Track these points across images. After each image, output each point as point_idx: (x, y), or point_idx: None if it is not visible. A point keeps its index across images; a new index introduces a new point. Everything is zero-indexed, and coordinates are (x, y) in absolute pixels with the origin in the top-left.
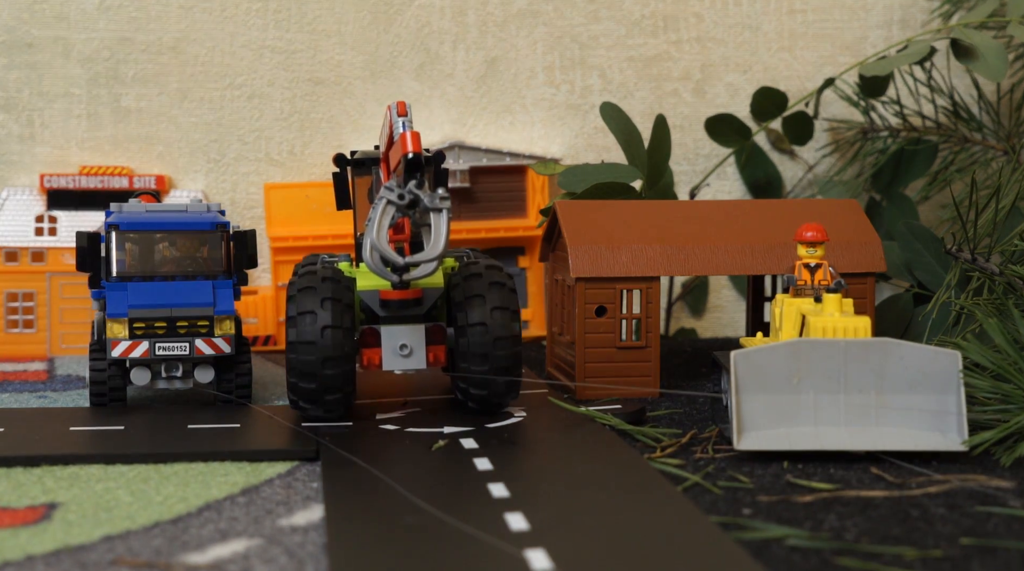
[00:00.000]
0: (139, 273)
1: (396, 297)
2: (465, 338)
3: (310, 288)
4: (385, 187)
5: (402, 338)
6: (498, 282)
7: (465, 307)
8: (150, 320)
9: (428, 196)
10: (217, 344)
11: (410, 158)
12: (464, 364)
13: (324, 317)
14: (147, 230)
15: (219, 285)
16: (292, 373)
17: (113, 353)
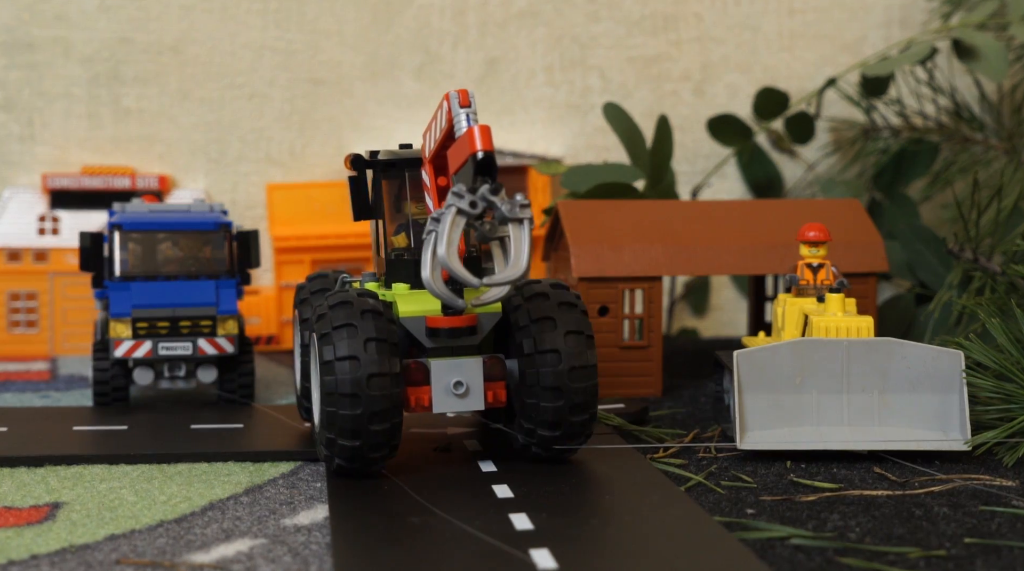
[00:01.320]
0: (142, 273)
1: (447, 324)
2: (533, 369)
3: (348, 325)
4: (453, 193)
5: (456, 374)
6: (569, 302)
7: (532, 332)
8: (153, 320)
9: (506, 203)
10: (220, 344)
11: (481, 157)
12: (531, 400)
13: (369, 363)
14: (150, 230)
15: (222, 285)
16: (330, 428)
17: (116, 353)
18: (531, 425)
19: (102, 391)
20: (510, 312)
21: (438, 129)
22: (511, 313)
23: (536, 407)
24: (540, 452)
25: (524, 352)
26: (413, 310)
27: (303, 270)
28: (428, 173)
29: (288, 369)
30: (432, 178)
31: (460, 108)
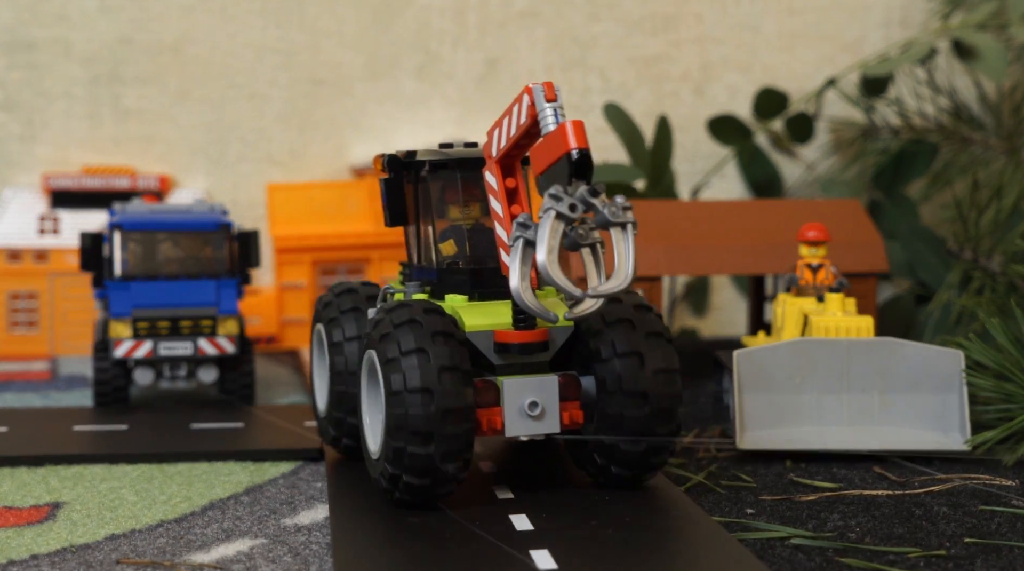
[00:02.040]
0: (142, 273)
1: (518, 340)
2: (612, 375)
3: (412, 321)
4: (550, 195)
5: (530, 394)
6: (644, 305)
7: (609, 336)
8: (153, 320)
9: (607, 206)
10: (221, 344)
11: (577, 156)
12: (612, 410)
13: (440, 356)
14: (150, 230)
15: (222, 285)
16: (396, 464)
17: (116, 353)
18: (612, 441)
19: (102, 391)
20: (578, 322)
21: (513, 126)
22: (579, 322)
23: (618, 418)
24: (621, 473)
25: (602, 357)
26: (480, 324)
27: (303, 270)
28: (495, 174)
29: (289, 369)
30: (500, 179)
31: (546, 103)
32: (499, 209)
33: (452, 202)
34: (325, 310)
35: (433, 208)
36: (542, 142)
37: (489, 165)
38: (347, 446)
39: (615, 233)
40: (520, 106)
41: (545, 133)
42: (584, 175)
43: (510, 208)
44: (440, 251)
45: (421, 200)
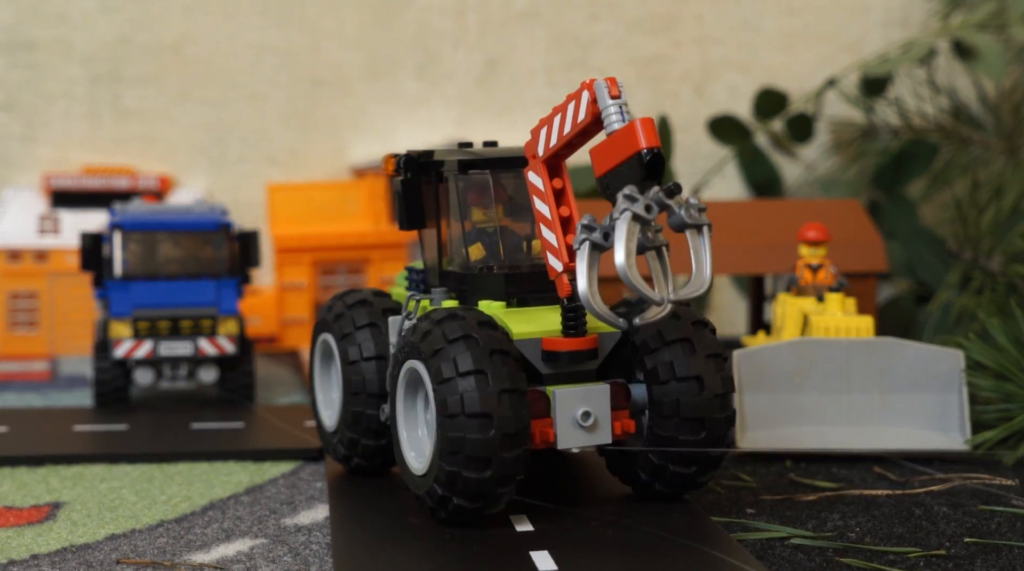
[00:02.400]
0: (143, 273)
1: (567, 347)
2: (671, 398)
3: (468, 337)
4: (625, 196)
5: (583, 404)
6: (701, 321)
7: (666, 356)
8: (154, 320)
9: (684, 207)
10: (221, 344)
11: (650, 156)
12: (666, 433)
13: (500, 377)
14: (151, 230)
15: (223, 285)
16: (451, 459)
17: (116, 353)
18: (662, 461)
19: (103, 391)
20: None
21: (568, 124)
22: (632, 334)
23: (672, 441)
24: (664, 490)
25: (659, 379)
26: (528, 331)
27: (303, 270)
28: (541, 174)
29: (289, 369)
30: (547, 180)
31: (610, 99)
32: (546, 211)
33: (477, 204)
34: (336, 322)
35: (454, 210)
36: (607, 141)
37: (534, 165)
38: (359, 466)
39: (691, 236)
40: (578, 103)
41: (610, 132)
42: (656, 176)
43: (558, 210)
44: (468, 255)
45: (445, 201)
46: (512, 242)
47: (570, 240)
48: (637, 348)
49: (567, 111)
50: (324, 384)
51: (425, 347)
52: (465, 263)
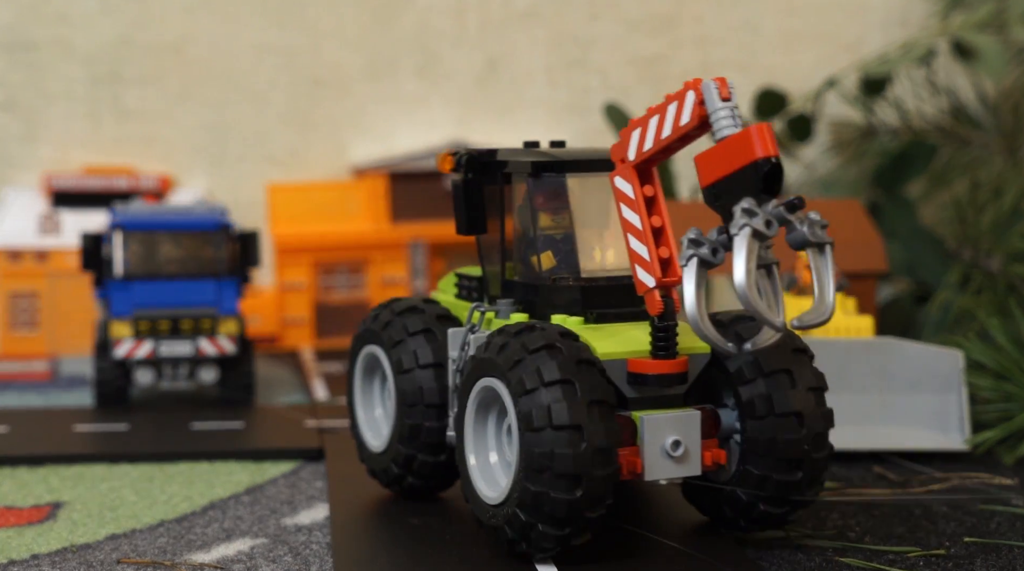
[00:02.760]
0: (143, 273)
1: (656, 370)
2: (768, 435)
3: (552, 347)
4: (744, 210)
5: (672, 431)
6: (801, 349)
7: (764, 388)
8: (154, 320)
9: (806, 223)
10: (221, 344)
11: (768, 167)
12: (759, 471)
13: (588, 387)
14: (151, 230)
15: (223, 285)
16: (536, 477)
17: (117, 353)
18: (751, 499)
19: (103, 391)
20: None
21: (667, 127)
22: (724, 358)
23: (765, 480)
24: (748, 527)
25: (756, 413)
26: (613, 351)
27: (303, 270)
28: (631, 180)
29: (289, 369)
30: (637, 187)
31: (721, 102)
32: (636, 220)
33: (548, 208)
34: (385, 331)
35: (531, 215)
36: (717, 148)
37: (622, 170)
38: (412, 486)
39: (812, 255)
40: (681, 104)
41: (720, 138)
42: (774, 188)
43: (650, 219)
44: (539, 264)
45: (511, 205)
46: (585, 252)
47: (663, 253)
48: (730, 375)
49: (666, 113)
50: (366, 402)
51: (503, 360)
52: (534, 273)
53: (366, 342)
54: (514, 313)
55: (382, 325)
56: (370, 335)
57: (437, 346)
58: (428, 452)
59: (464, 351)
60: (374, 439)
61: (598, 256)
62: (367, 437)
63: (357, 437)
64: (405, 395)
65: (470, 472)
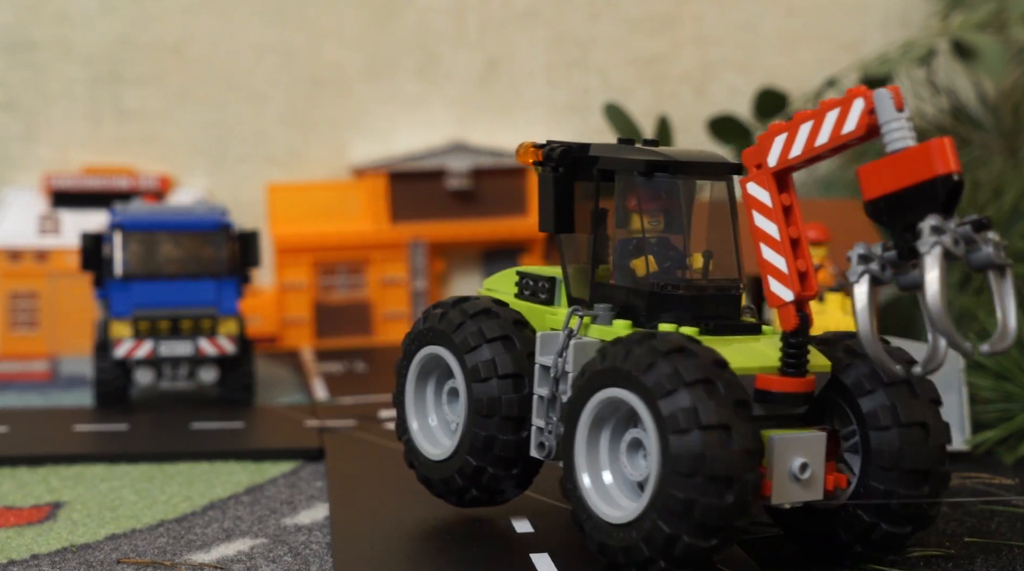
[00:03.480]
0: (143, 273)
1: (784, 388)
2: (892, 447)
3: (684, 350)
4: (932, 228)
5: (800, 453)
6: (911, 360)
7: (887, 398)
8: (154, 320)
9: (991, 244)
10: (221, 344)
11: (951, 184)
12: (882, 486)
13: (732, 387)
14: (151, 230)
15: (223, 285)
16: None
17: (117, 353)
18: (873, 519)
19: (103, 391)
20: (838, 372)
21: (825, 134)
22: (839, 373)
23: (890, 496)
24: (865, 553)
25: (880, 424)
26: (745, 365)
27: (303, 270)
28: (768, 187)
29: (289, 369)
30: (775, 194)
31: (896, 113)
32: (774, 230)
33: (650, 210)
34: (457, 333)
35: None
36: (889, 161)
37: (758, 176)
38: (475, 499)
39: (994, 277)
40: (846, 111)
41: (894, 150)
42: (954, 206)
43: (787, 230)
44: (635, 269)
45: (616, 205)
46: (680, 257)
47: (800, 265)
48: (846, 388)
49: (825, 119)
50: (420, 406)
51: (631, 366)
52: (634, 277)
53: (428, 342)
54: (618, 320)
55: (452, 326)
56: (435, 336)
57: (516, 355)
58: (500, 466)
59: (563, 358)
60: (431, 446)
61: (700, 264)
62: (421, 443)
63: (409, 443)
64: (480, 405)
65: (584, 494)
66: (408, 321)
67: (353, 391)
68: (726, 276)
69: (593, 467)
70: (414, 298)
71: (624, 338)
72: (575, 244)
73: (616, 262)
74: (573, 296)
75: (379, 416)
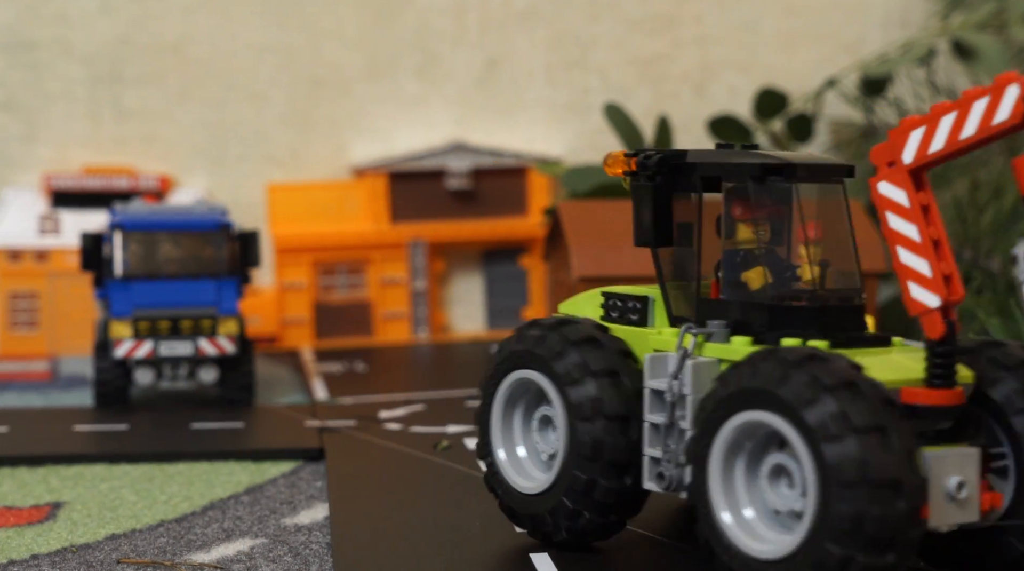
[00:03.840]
0: (143, 273)
1: (932, 401)
2: None
3: (852, 386)
4: None
5: (956, 471)
6: None
7: None
8: (154, 320)
9: None
10: (221, 344)
11: None
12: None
13: (905, 433)
14: (151, 230)
15: (223, 285)
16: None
17: (117, 353)
18: None
19: (103, 391)
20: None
21: (972, 125)
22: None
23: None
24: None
25: None
26: (891, 379)
27: (303, 270)
28: (904, 186)
29: (289, 369)
30: (912, 194)
31: None
32: (913, 232)
33: (752, 218)
34: (558, 361)
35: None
36: None
37: (892, 174)
38: (565, 541)
39: None
40: (996, 101)
41: None
42: None
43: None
44: (748, 281)
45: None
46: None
47: (945, 268)
48: (996, 404)
49: (971, 110)
50: (507, 434)
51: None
52: (747, 291)
53: (522, 366)
54: (740, 338)
55: (552, 353)
56: (530, 359)
57: (624, 393)
58: (597, 511)
59: (678, 380)
60: (520, 477)
61: (814, 274)
62: (508, 473)
63: (493, 466)
64: (583, 446)
65: (725, 529)
66: (408, 321)
67: (353, 391)
68: (846, 285)
69: (731, 502)
70: (414, 298)
71: (779, 355)
72: (672, 258)
73: (724, 276)
74: (674, 314)
75: (379, 416)
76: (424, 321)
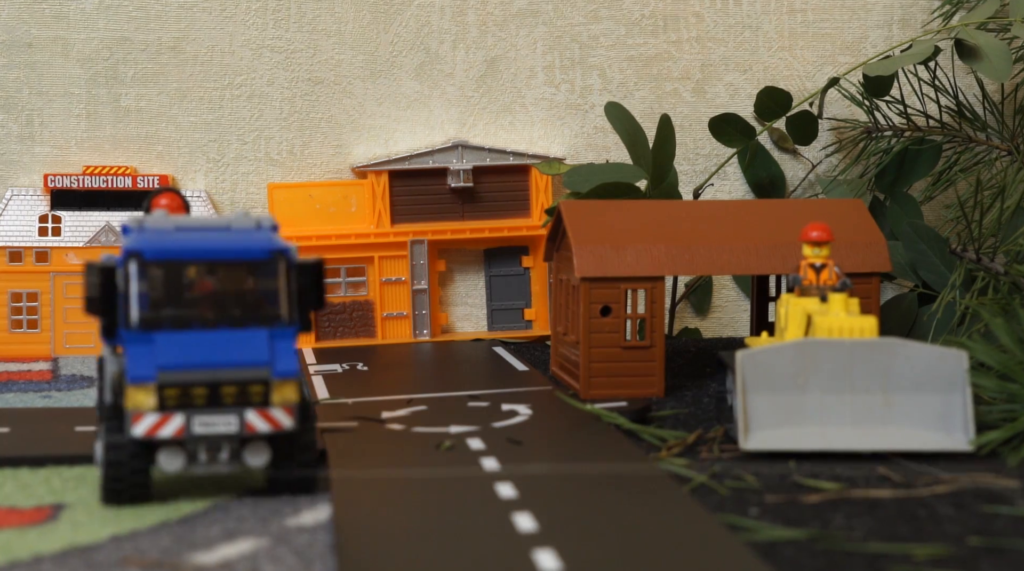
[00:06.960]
0: (170, 319)
1: None
2: None
3: None
4: None
5: None
6: None
7: None
8: (186, 385)
9: None
10: (276, 418)
11: None
12: None
13: None
14: (180, 259)
15: (277, 336)
16: None
17: (136, 431)
18: None
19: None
20: None
21: None
22: None
23: None
24: None
25: None
26: None
27: None
28: None
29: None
30: None
31: None
32: None
33: None
34: None
35: None
36: None
37: None
38: None
39: None
40: None
41: None
42: None
43: None
44: None
45: None
46: None
47: None
48: None
49: None
50: None
51: None
52: None
53: None
54: None
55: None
56: None
57: None
58: None
59: None
60: None
61: None
62: None
63: None
64: None
65: None
66: (409, 321)
67: (353, 391)
68: None
69: None
70: (415, 298)
71: None
72: None
73: None
74: None
75: (381, 416)
76: (425, 321)
